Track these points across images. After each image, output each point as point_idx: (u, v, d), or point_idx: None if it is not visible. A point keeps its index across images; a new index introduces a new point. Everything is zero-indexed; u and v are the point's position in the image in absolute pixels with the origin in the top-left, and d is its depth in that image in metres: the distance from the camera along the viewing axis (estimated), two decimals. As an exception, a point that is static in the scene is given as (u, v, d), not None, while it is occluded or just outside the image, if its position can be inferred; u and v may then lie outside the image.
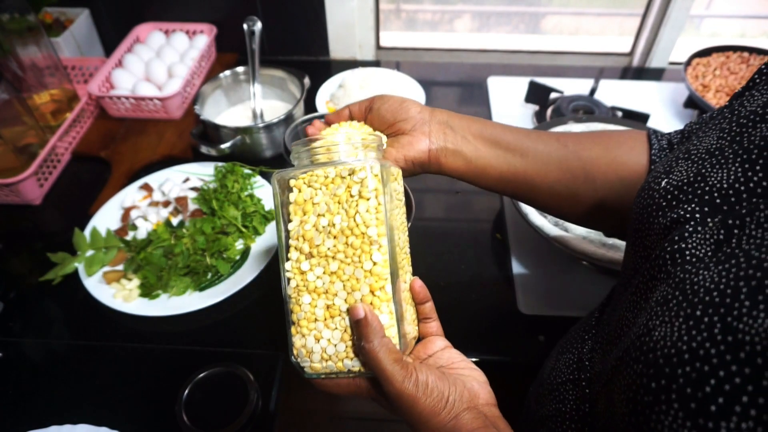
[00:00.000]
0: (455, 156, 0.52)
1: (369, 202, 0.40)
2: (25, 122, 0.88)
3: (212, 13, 1.15)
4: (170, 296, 0.74)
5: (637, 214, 0.40)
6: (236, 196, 0.84)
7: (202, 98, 0.95)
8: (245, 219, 0.82)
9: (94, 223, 0.83)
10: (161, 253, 0.76)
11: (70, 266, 0.77)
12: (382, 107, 0.53)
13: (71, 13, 1.12)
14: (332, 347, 0.41)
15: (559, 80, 1.07)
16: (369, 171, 0.40)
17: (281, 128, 0.91)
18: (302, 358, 0.41)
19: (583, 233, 0.73)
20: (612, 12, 1.28)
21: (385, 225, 0.40)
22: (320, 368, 0.41)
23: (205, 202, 0.84)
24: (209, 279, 0.76)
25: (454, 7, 1.25)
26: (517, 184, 0.54)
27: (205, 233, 0.78)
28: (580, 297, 0.73)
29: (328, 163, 0.42)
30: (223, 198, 0.83)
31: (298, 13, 1.13)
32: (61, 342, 0.72)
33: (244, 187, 0.86)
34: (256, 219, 0.83)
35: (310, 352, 0.41)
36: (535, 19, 1.27)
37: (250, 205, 0.83)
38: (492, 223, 0.85)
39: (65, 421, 0.61)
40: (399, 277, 0.42)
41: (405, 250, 0.45)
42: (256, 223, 0.82)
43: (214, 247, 0.77)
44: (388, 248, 0.40)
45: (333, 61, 1.21)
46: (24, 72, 0.93)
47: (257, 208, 0.84)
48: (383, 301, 0.40)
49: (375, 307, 0.40)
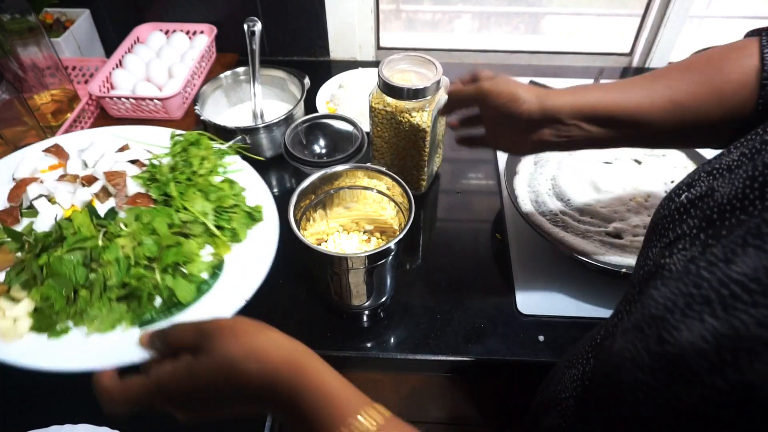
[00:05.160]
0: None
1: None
2: (26, 122, 0.88)
3: (212, 14, 1.15)
4: (88, 333, 0.47)
5: (652, 224, 0.40)
6: (206, 181, 0.59)
7: (202, 98, 0.95)
8: (220, 216, 0.57)
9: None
10: (79, 259, 0.46)
11: None
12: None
13: (72, 13, 1.13)
14: None
15: (559, 80, 1.07)
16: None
17: (281, 128, 0.91)
18: None
19: (583, 233, 0.73)
20: (612, 12, 1.28)
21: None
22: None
23: (155, 184, 0.57)
24: (158, 309, 0.49)
25: (454, 7, 1.25)
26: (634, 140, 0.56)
27: (158, 233, 0.50)
28: (580, 297, 0.73)
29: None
30: (185, 181, 0.58)
31: (298, 14, 1.13)
32: (62, 342, 0.72)
33: (214, 169, 0.62)
34: (237, 218, 0.58)
35: None
36: (535, 19, 1.27)
37: (227, 196, 0.59)
38: (492, 223, 0.85)
39: (65, 421, 0.61)
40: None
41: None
42: (236, 223, 0.58)
43: (169, 257, 0.49)
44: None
45: (333, 61, 1.21)
46: (25, 72, 0.93)
47: (238, 202, 0.60)
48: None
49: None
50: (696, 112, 0.50)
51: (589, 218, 0.76)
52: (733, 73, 0.48)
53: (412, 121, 0.74)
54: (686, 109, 0.50)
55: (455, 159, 0.95)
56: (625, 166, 0.82)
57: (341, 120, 0.89)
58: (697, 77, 0.50)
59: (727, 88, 0.48)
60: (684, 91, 0.50)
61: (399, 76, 0.76)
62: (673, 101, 0.50)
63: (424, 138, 0.76)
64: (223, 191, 0.58)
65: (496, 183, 0.91)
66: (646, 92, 0.51)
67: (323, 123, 0.91)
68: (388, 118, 0.76)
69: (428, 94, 0.73)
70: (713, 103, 0.49)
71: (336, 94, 1.05)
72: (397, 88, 0.72)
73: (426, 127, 0.75)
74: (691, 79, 0.50)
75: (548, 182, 0.81)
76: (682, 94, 0.50)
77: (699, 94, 0.49)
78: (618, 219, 0.75)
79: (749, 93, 0.47)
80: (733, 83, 0.48)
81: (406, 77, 0.77)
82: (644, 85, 0.52)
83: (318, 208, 0.71)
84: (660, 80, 0.52)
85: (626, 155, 0.84)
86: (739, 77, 0.48)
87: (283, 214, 0.69)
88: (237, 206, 0.59)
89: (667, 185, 0.79)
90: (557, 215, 0.76)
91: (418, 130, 0.75)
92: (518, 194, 0.79)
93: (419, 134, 0.76)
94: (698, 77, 0.50)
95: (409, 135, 0.76)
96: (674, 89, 0.50)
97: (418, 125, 0.74)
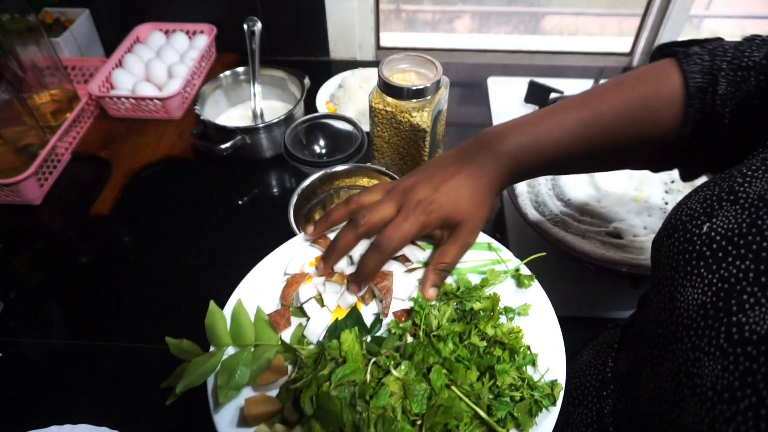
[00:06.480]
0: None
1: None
2: (26, 122, 0.88)
3: (212, 14, 1.15)
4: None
5: (667, 257, 0.35)
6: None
7: (202, 98, 0.95)
8: (497, 401, 0.41)
9: (239, 292, 0.49)
10: (347, 397, 0.39)
11: (198, 377, 0.43)
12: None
13: (71, 13, 1.12)
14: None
15: (559, 80, 1.06)
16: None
17: (281, 128, 0.91)
18: None
19: (583, 233, 0.73)
20: (612, 12, 1.28)
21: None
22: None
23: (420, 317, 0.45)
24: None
25: (454, 7, 1.25)
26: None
27: (432, 385, 0.40)
28: (580, 297, 0.73)
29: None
30: (460, 347, 0.44)
31: (298, 13, 1.13)
32: (61, 342, 0.72)
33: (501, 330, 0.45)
34: (521, 407, 0.40)
35: None
36: (535, 19, 1.27)
37: (506, 371, 0.42)
38: (492, 223, 0.85)
39: (65, 421, 0.61)
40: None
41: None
42: (518, 412, 0.40)
43: (437, 416, 0.39)
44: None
45: (333, 61, 1.21)
46: (24, 72, 0.93)
47: (524, 377, 0.43)
48: None
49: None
50: (624, 132, 0.49)
51: (589, 218, 0.76)
52: (660, 93, 0.47)
53: (412, 121, 0.74)
54: (614, 129, 0.49)
55: (455, 159, 0.95)
56: (625, 166, 0.82)
57: (341, 120, 0.89)
58: (628, 93, 0.49)
59: (657, 105, 0.48)
60: (612, 110, 0.49)
61: (399, 76, 0.76)
62: (603, 123, 0.49)
63: (424, 138, 0.76)
64: (501, 365, 0.42)
65: (496, 183, 0.91)
66: (576, 120, 0.49)
67: (323, 123, 0.91)
68: (388, 118, 0.76)
69: (428, 94, 0.73)
70: (641, 122, 0.48)
71: (336, 94, 1.05)
72: (397, 88, 0.72)
73: (426, 127, 0.74)
74: (622, 96, 0.49)
75: (548, 182, 0.81)
76: (610, 114, 0.49)
77: (628, 113, 0.48)
78: (618, 219, 0.75)
79: (676, 112, 0.47)
80: (660, 102, 0.47)
81: (406, 77, 0.77)
82: (573, 111, 0.50)
83: (318, 208, 0.71)
84: (591, 101, 0.50)
85: (626, 155, 0.84)
86: (666, 92, 0.47)
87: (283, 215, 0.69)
88: (522, 385, 0.42)
89: (667, 185, 0.79)
90: (557, 215, 0.76)
91: (418, 130, 0.75)
92: (518, 194, 0.79)
93: (419, 134, 0.76)
94: (629, 93, 0.49)
95: (409, 135, 0.76)
96: (602, 111, 0.49)
97: (418, 125, 0.74)
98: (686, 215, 0.36)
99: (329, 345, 0.43)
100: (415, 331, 0.46)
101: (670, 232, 0.37)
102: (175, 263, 0.80)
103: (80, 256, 0.82)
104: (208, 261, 0.81)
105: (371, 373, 0.42)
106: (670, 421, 0.31)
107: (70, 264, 0.81)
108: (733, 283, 0.29)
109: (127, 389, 0.66)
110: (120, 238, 0.85)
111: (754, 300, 0.28)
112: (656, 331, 0.35)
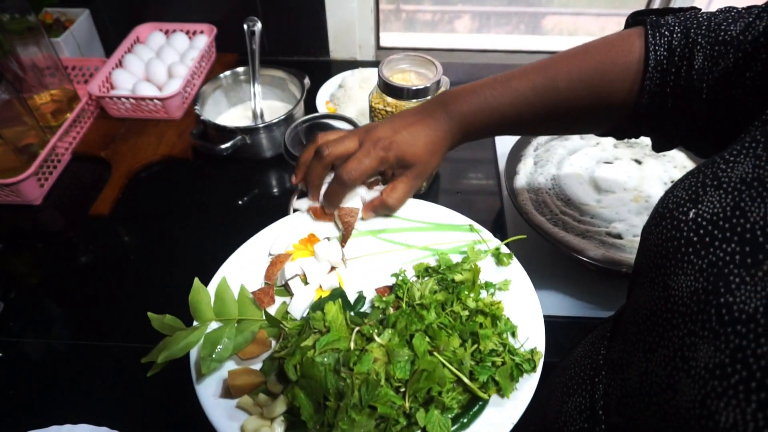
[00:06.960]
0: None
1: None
2: (26, 122, 0.88)
3: (212, 14, 1.15)
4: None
5: (656, 246, 0.36)
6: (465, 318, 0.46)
7: (202, 98, 0.95)
8: (479, 366, 0.44)
9: (224, 270, 0.53)
10: (330, 363, 0.41)
11: (179, 348, 0.45)
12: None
13: (71, 13, 1.12)
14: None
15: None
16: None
17: (281, 128, 0.91)
18: None
19: (583, 233, 0.73)
20: (612, 12, 1.27)
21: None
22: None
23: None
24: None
25: (454, 7, 1.25)
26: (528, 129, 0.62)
27: (415, 351, 0.42)
28: (580, 297, 0.73)
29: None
30: (443, 315, 0.46)
31: (298, 14, 1.13)
32: (61, 342, 0.72)
33: (481, 302, 0.48)
34: (502, 371, 0.43)
35: None
36: (535, 19, 1.27)
37: (488, 337, 0.45)
38: (492, 223, 0.85)
39: (65, 421, 0.61)
40: None
41: None
42: (500, 377, 0.43)
43: (420, 382, 0.41)
44: None
45: (333, 61, 1.21)
46: (24, 72, 0.93)
47: (504, 343, 0.46)
48: None
49: None
50: (577, 99, 0.51)
51: (589, 218, 0.76)
52: (619, 63, 0.49)
53: (412, 121, 0.74)
54: (568, 96, 0.52)
55: (455, 159, 0.95)
56: (625, 166, 0.82)
57: (341, 120, 0.89)
58: (587, 61, 0.51)
59: (613, 75, 0.50)
60: (568, 77, 0.51)
61: (399, 76, 0.76)
62: (557, 89, 0.52)
63: (424, 138, 0.76)
64: (484, 330, 0.44)
65: (496, 183, 0.91)
66: (530, 85, 0.53)
67: (323, 123, 0.91)
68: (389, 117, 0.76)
69: (428, 94, 0.73)
70: (596, 91, 0.51)
71: (336, 93, 1.05)
72: (397, 88, 0.72)
73: (426, 127, 0.74)
74: (579, 63, 0.51)
75: (548, 182, 0.81)
76: (565, 81, 0.51)
77: (582, 81, 0.51)
78: (618, 219, 0.75)
79: (632, 83, 0.49)
80: (616, 72, 0.49)
81: (406, 77, 0.77)
82: (529, 77, 0.53)
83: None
84: (549, 68, 0.53)
85: (626, 155, 0.84)
86: (625, 63, 0.49)
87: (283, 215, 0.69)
88: (503, 351, 0.44)
89: (667, 185, 0.79)
90: (557, 215, 0.76)
91: (418, 130, 0.75)
92: (518, 194, 0.79)
93: (419, 134, 0.76)
94: (587, 61, 0.51)
95: (409, 135, 0.76)
96: (558, 78, 0.52)
97: (418, 125, 0.74)
98: (672, 203, 0.37)
99: (313, 316, 0.44)
100: (398, 304, 0.48)
101: (657, 220, 0.37)
102: (175, 263, 0.80)
103: (80, 256, 0.82)
104: (208, 261, 0.81)
105: (355, 342, 0.43)
106: (661, 402, 0.32)
107: (70, 264, 0.81)
108: (720, 267, 0.30)
109: (127, 389, 0.66)
110: (120, 238, 0.85)
111: (739, 280, 0.29)
112: (650, 318, 0.35)
